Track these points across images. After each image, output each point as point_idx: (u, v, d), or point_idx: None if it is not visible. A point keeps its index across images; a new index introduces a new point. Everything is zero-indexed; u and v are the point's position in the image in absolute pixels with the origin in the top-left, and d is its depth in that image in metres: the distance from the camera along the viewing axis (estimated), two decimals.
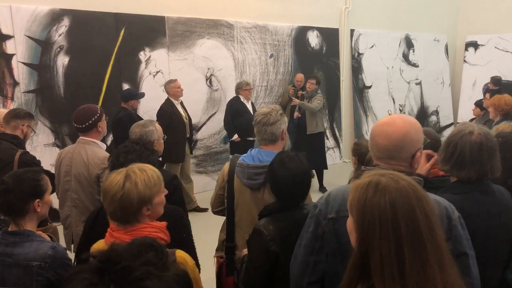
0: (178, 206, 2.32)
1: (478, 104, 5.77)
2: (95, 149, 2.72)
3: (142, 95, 5.12)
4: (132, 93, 5.04)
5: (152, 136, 2.53)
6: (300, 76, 6.67)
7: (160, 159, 3.94)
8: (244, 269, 2.06)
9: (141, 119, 4.93)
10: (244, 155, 2.36)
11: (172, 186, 2.36)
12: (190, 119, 5.49)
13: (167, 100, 5.27)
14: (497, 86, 7.02)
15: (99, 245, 1.59)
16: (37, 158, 3.13)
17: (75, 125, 2.76)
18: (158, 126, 2.60)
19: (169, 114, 5.12)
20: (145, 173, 1.57)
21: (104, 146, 2.85)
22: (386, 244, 0.96)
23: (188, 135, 5.43)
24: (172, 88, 5.26)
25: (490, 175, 1.75)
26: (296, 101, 6.14)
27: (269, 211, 1.96)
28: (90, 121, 2.72)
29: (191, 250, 1.98)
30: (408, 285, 0.94)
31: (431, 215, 1.00)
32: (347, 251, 1.39)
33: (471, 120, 6.00)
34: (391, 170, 1.39)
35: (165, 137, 2.70)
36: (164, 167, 4.53)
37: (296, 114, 6.28)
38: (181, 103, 5.40)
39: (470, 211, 1.68)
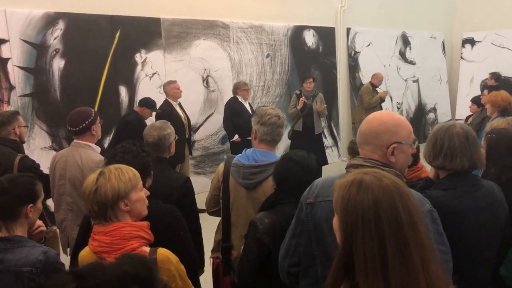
0: (190, 208, 2.36)
1: (475, 101, 5.75)
2: (89, 152, 2.72)
3: (156, 111, 5.10)
4: (151, 102, 5.06)
5: (170, 139, 2.55)
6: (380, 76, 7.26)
7: None
8: (239, 261, 2.09)
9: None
10: (239, 155, 2.39)
11: (185, 188, 2.39)
12: (189, 120, 5.49)
13: (166, 101, 5.28)
14: (497, 81, 7.03)
15: (85, 253, 1.60)
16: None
17: (69, 128, 2.75)
18: (172, 128, 2.62)
19: (168, 115, 5.12)
20: (120, 170, 1.60)
21: (99, 149, 2.84)
22: (369, 242, 0.97)
23: (187, 136, 5.43)
24: (172, 89, 5.26)
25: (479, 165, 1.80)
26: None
27: (271, 201, 2.00)
28: (84, 124, 2.71)
29: (189, 247, 1.99)
30: (391, 283, 0.94)
31: (414, 212, 1.00)
32: (321, 235, 1.51)
33: (468, 117, 6.00)
34: (367, 159, 1.46)
35: (177, 137, 2.69)
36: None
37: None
38: (179, 104, 5.41)
39: (459, 206, 1.69)
